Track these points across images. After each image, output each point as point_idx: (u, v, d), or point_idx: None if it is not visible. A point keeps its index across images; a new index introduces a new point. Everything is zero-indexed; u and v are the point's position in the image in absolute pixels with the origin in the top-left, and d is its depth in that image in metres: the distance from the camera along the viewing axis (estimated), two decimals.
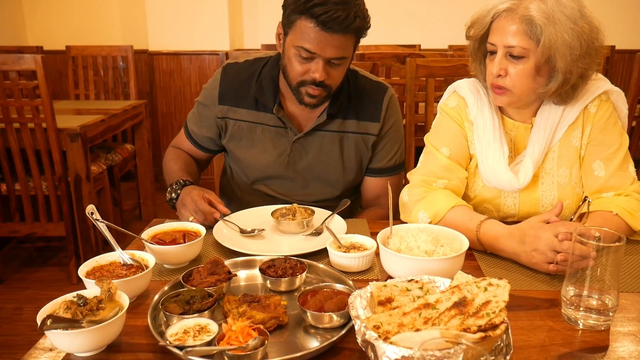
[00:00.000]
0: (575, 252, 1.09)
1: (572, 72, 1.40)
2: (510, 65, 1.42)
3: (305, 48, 1.52)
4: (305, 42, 1.51)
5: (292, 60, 1.58)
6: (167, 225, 1.43)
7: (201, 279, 1.16)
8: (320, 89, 1.59)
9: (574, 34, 1.35)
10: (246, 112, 1.75)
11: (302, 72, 1.57)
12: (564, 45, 1.35)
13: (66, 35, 5.11)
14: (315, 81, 1.56)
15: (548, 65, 1.41)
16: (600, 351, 1.00)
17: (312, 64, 1.55)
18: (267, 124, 1.74)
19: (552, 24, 1.34)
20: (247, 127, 1.76)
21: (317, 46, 1.51)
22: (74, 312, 0.97)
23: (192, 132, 1.86)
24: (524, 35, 1.37)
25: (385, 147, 1.82)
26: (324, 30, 1.48)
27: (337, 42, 1.51)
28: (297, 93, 1.63)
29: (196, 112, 1.84)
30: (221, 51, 4.84)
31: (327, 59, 1.54)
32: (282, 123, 1.73)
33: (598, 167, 1.51)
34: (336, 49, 1.52)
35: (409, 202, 1.53)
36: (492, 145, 1.54)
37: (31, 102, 2.87)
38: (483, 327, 0.85)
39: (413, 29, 5.05)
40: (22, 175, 3.05)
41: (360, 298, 1.02)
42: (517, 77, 1.42)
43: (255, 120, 1.75)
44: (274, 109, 1.70)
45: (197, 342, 0.95)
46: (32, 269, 3.44)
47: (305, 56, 1.54)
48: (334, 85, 1.63)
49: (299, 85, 1.61)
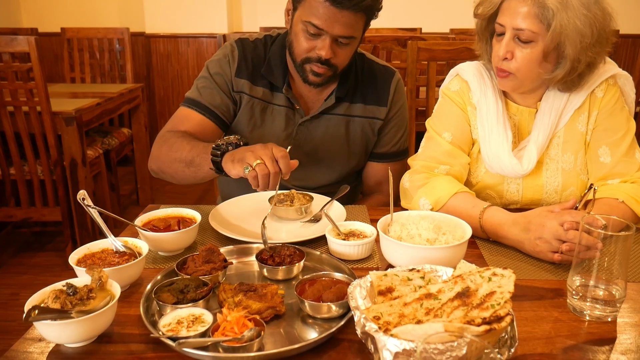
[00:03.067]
0: (582, 242, 1.06)
1: (580, 61, 1.36)
2: (517, 49, 1.38)
3: (313, 23, 1.47)
4: (313, 17, 1.47)
5: (299, 36, 1.53)
6: (162, 211, 1.39)
7: (196, 267, 1.13)
8: (325, 68, 1.55)
9: (586, 20, 1.30)
10: (261, 90, 1.69)
11: (308, 49, 1.53)
12: (575, 31, 1.30)
13: (61, 17, 5.04)
14: (320, 59, 1.52)
15: (556, 52, 1.37)
16: (607, 343, 0.97)
17: (319, 40, 1.51)
18: (278, 103, 1.70)
19: (565, 8, 1.29)
20: (260, 106, 1.70)
21: (326, 22, 1.47)
22: (63, 302, 0.93)
23: (209, 104, 1.66)
24: (535, 18, 1.33)
25: (391, 132, 1.79)
26: (333, 6, 1.44)
27: (347, 20, 1.47)
28: (302, 70, 1.59)
29: (209, 85, 1.69)
30: (219, 34, 4.77)
31: (335, 36, 1.50)
32: (291, 104, 1.69)
33: (604, 153, 1.47)
34: (345, 27, 1.48)
35: (410, 188, 1.50)
36: (496, 130, 1.50)
37: (25, 85, 2.82)
38: (488, 320, 0.82)
39: (414, 12, 4.98)
40: (17, 160, 3.01)
41: (359, 288, 0.99)
42: (523, 62, 1.38)
43: (268, 100, 1.70)
44: (283, 89, 1.66)
45: (191, 333, 0.92)
46: (29, 254, 3.42)
47: (312, 32, 1.49)
48: (340, 66, 1.58)
49: (303, 62, 1.57)
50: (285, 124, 1.71)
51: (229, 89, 1.69)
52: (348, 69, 1.67)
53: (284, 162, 1.25)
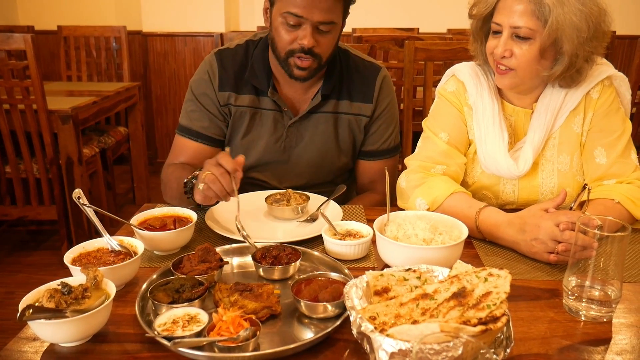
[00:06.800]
0: (578, 242, 1.06)
1: (578, 56, 1.36)
2: (516, 46, 1.38)
3: (292, 12, 1.47)
4: (291, 6, 1.47)
5: (280, 30, 1.53)
6: (158, 210, 1.39)
7: (192, 267, 1.13)
8: (310, 59, 1.54)
9: (582, 15, 1.31)
10: (247, 98, 1.69)
11: (290, 41, 1.53)
12: (572, 27, 1.31)
13: (58, 15, 5.01)
14: (303, 49, 1.51)
15: (554, 48, 1.37)
16: (603, 344, 0.97)
17: (300, 30, 1.50)
18: (265, 108, 1.70)
19: (561, 4, 1.30)
20: (249, 113, 1.70)
21: (305, 9, 1.46)
22: (58, 301, 0.93)
23: (200, 128, 1.70)
24: (532, 15, 1.33)
25: (379, 130, 1.78)
26: None
27: (325, 5, 1.47)
28: (286, 65, 1.58)
29: (196, 108, 1.71)
30: (216, 33, 4.76)
31: (315, 23, 1.49)
32: (278, 107, 1.69)
33: (600, 154, 1.47)
34: (324, 12, 1.48)
35: (406, 188, 1.50)
36: (492, 131, 1.50)
37: (21, 82, 2.81)
38: (483, 320, 0.82)
39: (411, 12, 4.98)
40: (13, 158, 3.00)
41: (355, 288, 0.99)
42: (522, 58, 1.38)
43: (255, 106, 1.70)
44: (268, 92, 1.65)
45: (187, 333, 0.92)
46: (24, 252, 3.41)
47: (292, 22, 1.49)
48: (323, 55, 1.57)
49: (287, 56, 1.56)
50: (275, 127, 1.70)
51: (217, 107, 1.70)
52: (332, 66, 1.66)
53: (224, 160, 1.28)
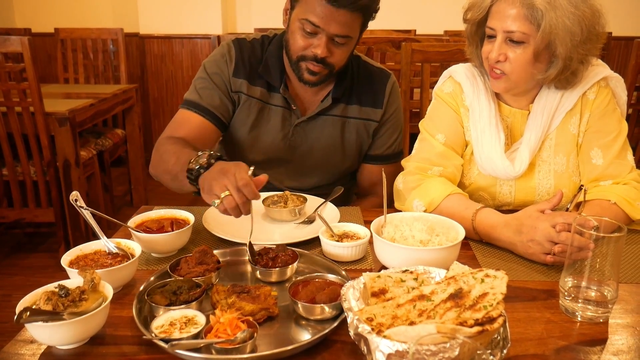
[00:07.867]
0: (574, 243, 1.06)
1: (572, 59, 1.37)
2: (510, 51, 1.39)
3: (310, 21, 1.48)
4: (310, 14, 1.48)
5: (296, 34, 1.54)
6: (155, 212, 1.39)
7: (189, 269, 1.13)
8: (321, 66, 1.55)
9: (575, 19, 1.31)
10: (258, 90, 1.69)
11: (304, 47, 1.54)
12: (565, 30, 1.31)
13: (55, 17, 5.01)
14: (316, 57, 1.52)
15: (548, 51, 1.37)
16: (599, 344, 0.97)
17: (315, 39, 1.52)
18: (275, 104, 1.70)
19: (553, 8, 1.30)
20: (258, 106, 1.70)
21: (323, 20, 1.47)
22: (55, 304, 0.93)
23: (209, 105, 1.65)
24: (525, 19, 1.34)
25: (385, 134, 1.80)
26: (331, 4, 1.45)
27: (343, 19, 1.48)
28: (297, 68, 1.59)
29: (208, 85, 1.67)
30: (213, 35, 4.76)
31: (331, 35, 1.50)
32: (287, 104, 1.69)
33: (596, 155, 1.48)
34: (341, 26, 1.49)
35: (403, 190, 1.50)
36: (488, 132, 1.51)
37: (18, 85, 2.81)
38: (480, 321, 0.82)
39: (408, 14, 4.99)
40: (10, 160, 2.99)
41: (353, 289, 0.99)
42: (516, 62, 1.38)
43: (265, 100, 1.70)
44: (280, 89, 1.66)
45: (184, 335, 0.92)
46: (22, 255, 3.40)
47: (309, 30, 1.50)
48: (336, 65, 1.58)
49: (299, 60, 1.57)
50: (282, 124, 1.71)
51: (227, 89, 1.69)
52: (344, 70, 1.68)
53: (247, 190, 1.19)
